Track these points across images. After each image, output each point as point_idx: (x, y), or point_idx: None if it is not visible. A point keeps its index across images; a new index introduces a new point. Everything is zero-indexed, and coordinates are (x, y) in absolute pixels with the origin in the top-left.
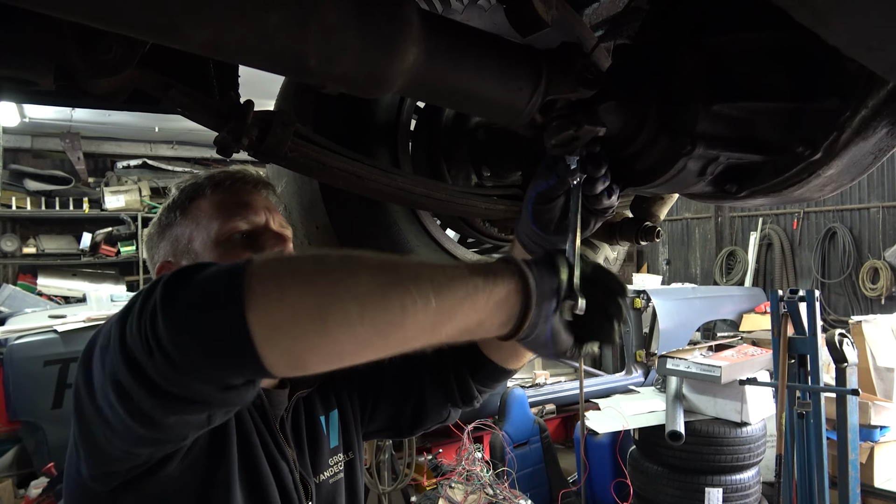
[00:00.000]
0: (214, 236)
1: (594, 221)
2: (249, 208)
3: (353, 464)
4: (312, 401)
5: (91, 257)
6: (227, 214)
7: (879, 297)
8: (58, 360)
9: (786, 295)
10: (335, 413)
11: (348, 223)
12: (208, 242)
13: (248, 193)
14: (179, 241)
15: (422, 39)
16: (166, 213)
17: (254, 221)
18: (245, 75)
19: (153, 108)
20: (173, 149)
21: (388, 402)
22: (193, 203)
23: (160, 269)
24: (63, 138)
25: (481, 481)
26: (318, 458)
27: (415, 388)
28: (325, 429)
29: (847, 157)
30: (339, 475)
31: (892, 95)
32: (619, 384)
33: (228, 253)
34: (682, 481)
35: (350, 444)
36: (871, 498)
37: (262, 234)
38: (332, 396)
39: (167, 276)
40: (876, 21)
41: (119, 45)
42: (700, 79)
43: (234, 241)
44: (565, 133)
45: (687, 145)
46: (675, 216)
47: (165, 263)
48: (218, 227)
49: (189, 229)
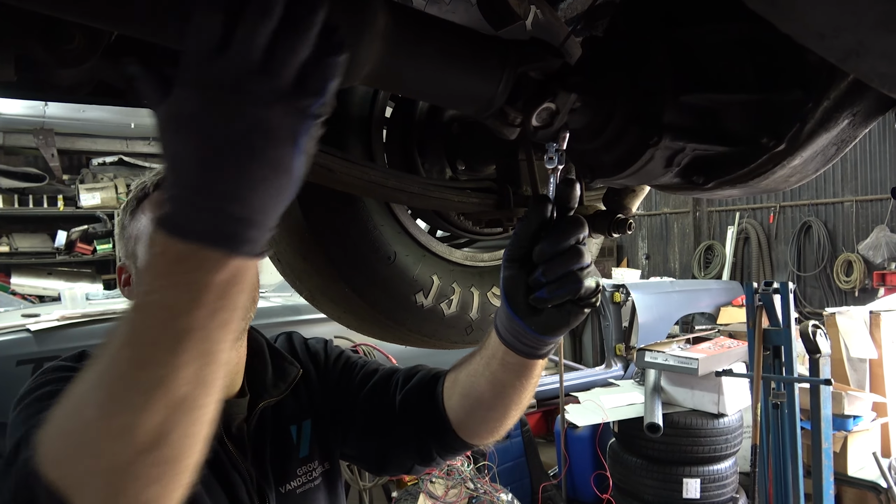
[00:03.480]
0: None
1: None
2: None
3: (332, 473)
4: (282, 409)
5: (66, 256)
6: None
7: (853, 289)
8: (31, 360)
9: (760, 287)
10: (308, 423)
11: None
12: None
13: None
14: (129, 242)
15: (387, 29)
16: (122, 214)
17: None
18: None
19: (119, 101)
20: (150, 145)
21: (355, 433)
22: (141, 204)
23: (119, 272)
24: (36, 135)
25: (462, 476)
26: (284, 467)
27: (379, 432)
28: (294, 438)
29: (811, 148)
30: (311, 484)
31: (853, 87)
32: (599, 378)
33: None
34: (660, 473)
35: (329, 454)
36: (844, 486)
37: None
38: (309, 405)
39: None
40: (827, 8)
41: (82, 35)
42: (668, 70)
43: None
44: (545, 106)
45: (654, 136)
46: (654, 211)
47: (121, 266)
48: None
49: (136, 231)
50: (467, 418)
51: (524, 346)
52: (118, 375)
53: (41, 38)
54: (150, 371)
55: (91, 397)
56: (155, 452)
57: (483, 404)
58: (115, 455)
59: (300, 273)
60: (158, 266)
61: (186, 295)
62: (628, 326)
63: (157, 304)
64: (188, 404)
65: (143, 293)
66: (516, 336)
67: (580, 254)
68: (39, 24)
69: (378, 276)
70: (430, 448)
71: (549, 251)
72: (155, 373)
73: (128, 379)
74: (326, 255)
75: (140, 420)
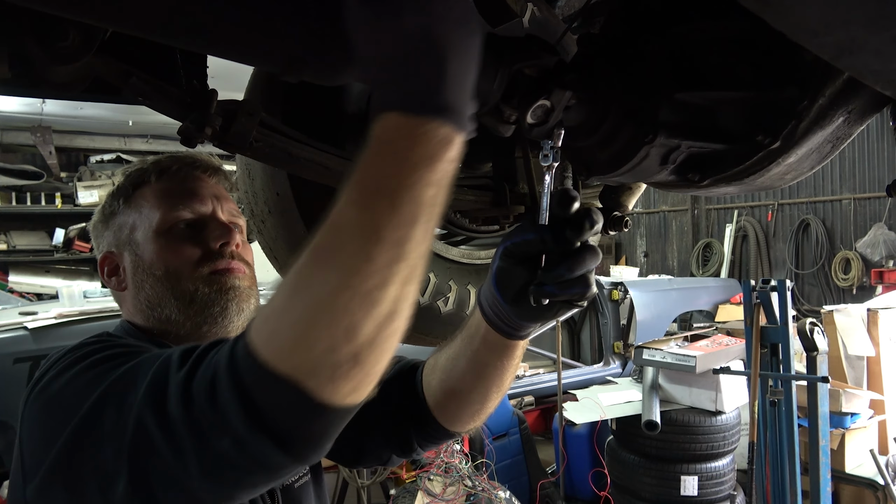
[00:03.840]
0: (156, 226)
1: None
2: (195, 196)
3: (317, 467)
4: None
5: (64, 253)
6: (170, 203)
7: (851, 286)
8: (28, 358)
9: (758, 285)
10: None
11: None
12: (149, 233)
13: (195, 180)
14: (122, 230)
15: None
16: (110, 200)
17: (198, 211)
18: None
19: (115, 98)
20: (148, 143)
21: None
22: (138, 191)
23: (103, 261)
24: (34, 132)
25: (460, 473)
26: None
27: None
28: None
29: (806, 146)
30: (306, 478)
31: (848, 84)
32: (597, 375)
33: (168, 244)
34: (658, 470)
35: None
36: (842, 483)
37: (208, 224)
38: None
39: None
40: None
41: (77, 32)
42: (663, 67)
43: (177, 231)
44: (540, 103)
45: (649, 134)
46: (653, 209)
47: (108, 255)
48: (160, 216)
49: (132, 218)
50: (447, 402)
51: (506, 328)
52: (359, 255)
53: (35, 34)
54: (390, 247)
55: (326, 278)
56: (392, 322)
57: (464, 386)
58: (359, 329)
59: None
60: (398, 147)
61: (426, 170)
62: (626, 324)
63: (400, 184)
64: (415, 275)
65: (381, 177)
66: (500, 317)
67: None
68: (34, 20)
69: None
70: (410, 437)
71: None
72: (395, 249)
73: (368, 255)
74: None
75: (383, 292)
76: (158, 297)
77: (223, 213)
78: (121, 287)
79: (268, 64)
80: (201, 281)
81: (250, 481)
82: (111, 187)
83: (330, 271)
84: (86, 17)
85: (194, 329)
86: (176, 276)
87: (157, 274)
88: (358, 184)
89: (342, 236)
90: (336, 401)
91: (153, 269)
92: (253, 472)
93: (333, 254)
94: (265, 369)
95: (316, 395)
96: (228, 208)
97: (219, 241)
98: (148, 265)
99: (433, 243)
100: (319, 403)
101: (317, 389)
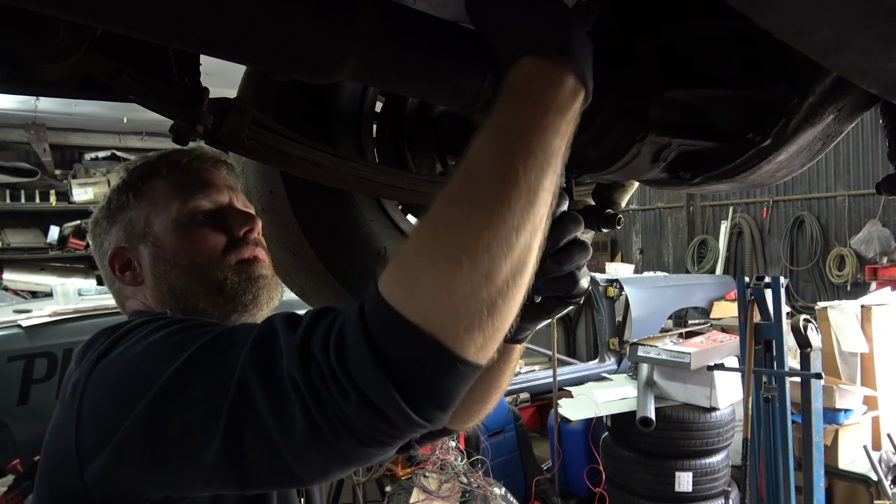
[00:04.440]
0: (175, 217)
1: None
2: (211, 187)
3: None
4: None
5: (59, 251)
6: (187, 194)
7: (845, 283)
8: (22, 356)
9: (752, 282)
10: None
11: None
12: (168, 224)
13: (206, 172)
14: (135, 224)
15: (371, 24)
16: (117, 195)
17: (217, 200)
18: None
19: (107, 96)
20: (143, 140)
21: None
22: (148, 184)
23: (113, 257)
24: (28, 129)
25: (455, 470)
26: None
27: None
28: None
29: (797, 144)
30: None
31: (838, 82)
32: (593, 372)
33: (191, 234)
34: (653, 466)
35: None
36: (835, 479)
37: (228, 213)
38: None
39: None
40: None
41: (67, 30)
42: (654, 65)
43: (197, 221)
44: None
45: (640, 131)
46: (648, 206)
47: (119, 250)
48: (178, 207)
49: (145, 212)
50: None
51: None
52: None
53: (25, 33)
54: (525, 191)
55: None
56: (523, 272)
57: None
58: (497, 273)
59: (290, 269)
60: (533, 89)
61: (556, 116)
62: (622, 321)
63: (534, 126)
64: (541, 227)
65: (517, 120)
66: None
67: (585, 250)
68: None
69: (368, 271)
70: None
71: (549, 247)
72: (528, 194)
73: (508, 196)
74: (316, 251)
75: (518, 237)
76: (184, 287)
77: (238, 202)
78: (136, 282)
79: (258, 63)
80: (230, 270)
81: (352, 452)
82: (114, 183)
83: (470, 211)
84: (75, 16)
85: (223, 318)
86: (203, 265)
87: (182, 264)
88: (493, 128)
89: (479, 178)
90: (469, 355)
91: (177, 260)
92: (366, 438)
93: (472, 195)
94: (401, 319)
95: (451, 346)
96: (241, 199)
97: (242, 227)
98: (171, 256)
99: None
100: (453, 356)
101: (453, 341)
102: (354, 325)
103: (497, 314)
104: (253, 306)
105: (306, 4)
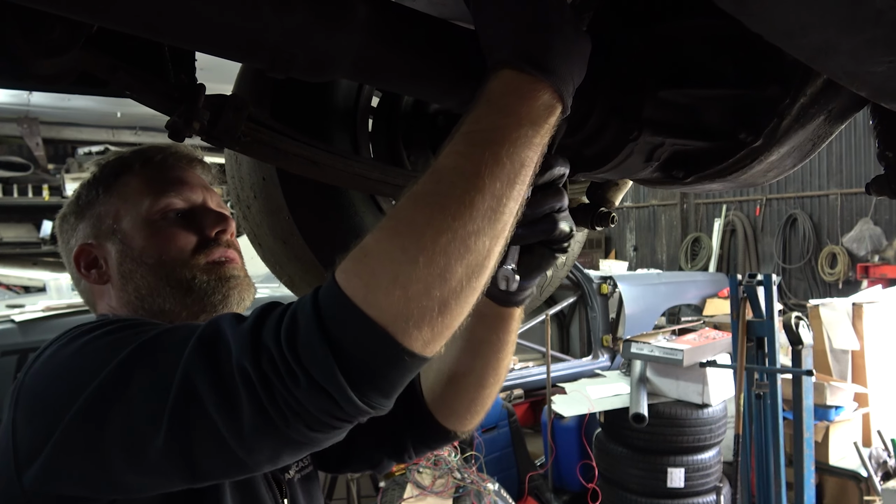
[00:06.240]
0: (146, 214)
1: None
2: (185, 185)
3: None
4: None
5: (52, 246)
6: (159, 190)
7: (837, 281)
8: (15, 351)
9: (745, 279)
10: None
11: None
12: (138, 221)
13: (181, 170)
14: (103, 220)
15: (367, 21)
16: (87, 191)
17: (190, 199)
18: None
19: (102, 91)
20: (136, 135)
21: None
22: (120, 179)
23: (79, 254)
24: (21, 123)
25: (449, 465)
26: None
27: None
28: None
29: (788, 144)
30: (308, 469)
31: (829, 83)
32: (586, 368)
33: (161, 232)
34: (645, 462)
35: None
36: (826, 475)
37: (200, 213)
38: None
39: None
40: (794, 8)
41: (63, 25)
42: (648, 64)
43: (169, 219)
44: None
45: (633, 131)
46: (642, 203)
47: (85, 247)
48: (150, 204)
49: (115, 208)
50: (444, 390)
51: (496, 290)
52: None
53: (21, 28)
54: (489, 198)
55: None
56: (479, 275)
57: (461, 368)
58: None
59: (280, 258)
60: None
61: (529, 128)
62: (615, 318)
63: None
64: (504, 233)
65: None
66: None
67: (558, 194)
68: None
69: None
70: (405, 437)
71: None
72: (492, 200)
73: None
74: (307, 240)
75: (477, 241)
76: (150, 286)
77: (212, 202)
78: (102, 280)
79: (255, 60)
80: (198, 269)
81: (301, 438)
82: (85, 178)
83: (432, 213)
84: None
85: (191, 318)
86: (170, 263)
87: (148, 262)
88: (465, 134)
89: (446, 181)
90: (416, 348)
91: (144, 258)
92: (316, 423)
93: (436, 197)
94: (354, 308)
95: (399, 339)
96: (216, 199)
97: (214, 227)
98: (138, 254)
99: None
100: (401, 348)
101: (402, 334)
102: (307, 311)
103: (448, 312)
104: (222, 306)
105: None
